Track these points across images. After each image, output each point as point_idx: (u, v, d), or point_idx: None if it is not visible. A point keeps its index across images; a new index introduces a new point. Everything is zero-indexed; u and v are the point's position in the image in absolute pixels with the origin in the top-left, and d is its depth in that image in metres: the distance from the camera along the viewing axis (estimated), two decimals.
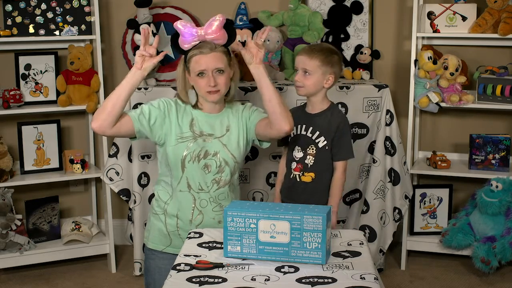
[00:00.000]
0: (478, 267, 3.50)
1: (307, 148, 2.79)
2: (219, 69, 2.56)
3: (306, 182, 2.80)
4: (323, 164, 2.79)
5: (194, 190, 2.60)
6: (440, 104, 3.61)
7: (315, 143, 2.78)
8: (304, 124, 2.81)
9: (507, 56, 3.79)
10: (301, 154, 2.80)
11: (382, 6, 3.90)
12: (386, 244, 3.68)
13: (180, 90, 2.67)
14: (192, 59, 2.58)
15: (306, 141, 2.80)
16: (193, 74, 2.59)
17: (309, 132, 2.79)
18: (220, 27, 2.58)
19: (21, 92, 3.58)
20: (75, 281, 3.65)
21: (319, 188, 2.80)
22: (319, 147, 2.78)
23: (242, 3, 3.85)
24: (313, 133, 2.79)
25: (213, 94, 2.57)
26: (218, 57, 2.57)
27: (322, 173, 2.79)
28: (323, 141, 2.77)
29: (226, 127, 2.64)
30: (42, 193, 3.86)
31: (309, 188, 2.80)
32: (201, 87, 2.57)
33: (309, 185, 2.79)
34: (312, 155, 2.78)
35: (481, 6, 3.63)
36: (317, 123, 2.79)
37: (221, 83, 2.57)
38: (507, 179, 3.52)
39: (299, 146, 2.81)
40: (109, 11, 3.89)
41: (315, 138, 2.78)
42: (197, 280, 2.01)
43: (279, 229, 2.12)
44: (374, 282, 2.01)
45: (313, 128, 2.79)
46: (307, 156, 2.79)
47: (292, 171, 2.83)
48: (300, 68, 2.76)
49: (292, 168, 2.82)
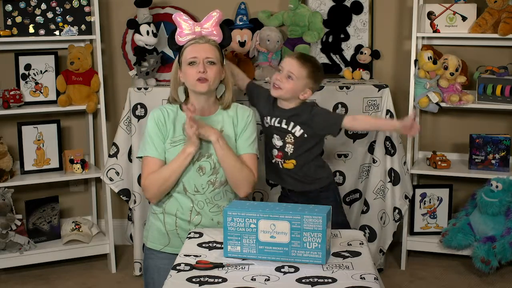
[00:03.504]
0: (478, 267, 3.50)
1: (285, 137, 2.87)
2: (210, 60, 2.58)
3: (288, 168, 2.90)
4: (303, 150, 2.87)
5: (190, 193, 2.60)
6: (440, 104, 3.61)
7: (292, 132, 2.86)
8: (278, 118, 2.88)
9: (507, 56, 3.79)
10: (280, 142, 2.89)
11: (382, 6, 3.90)
12: (386, 244, 3.68)
13: (173, 88, 2.68)
14: (185, 50, 2.61)
15: (283, 131, 2.87)
16: (184, 65, 2.60)
17: (284, 124, 2.87)
18: (217, 23, 2.60)
19: (21, 92, 3.58)
20: (75, 281, 3.65)
21: (303, 172, 2.91)
22: (297, 136, 2.86)
23: (242, 3, 3.85)
24: (288, 124, 2.86)
25: (202, 83, 2.56)
26: (211, 49, 2.60)
27: (303, 159, 2.89)
28: (299, 129, 2.85)
29: (220, 129, 2.64)
30: (42, 193, 3.86)
31: (292, 173, 2.91)
32: (191, 75, 2.58)
33: (292, 171, 2.90)
34: (291, 143, 2.86)
35: (481, 6, 3.63)
36: (290, 116, 2.86)
37: (211, 74, 2.58)
38: (507, 179, 3.52)
39: (277, 135, 2.89)
40: (109, 11, 3.89)
41: (291, 128, 2.86)
42: (197, 280, 2.01)
43: (279, 229, 2.12)
44: (374, 282, 2.01)
45: (286, 120, 2.87)
46: (286, 144, 2.87)
47: (274, 157, 2.93)
48: (286, 70, 2.79)
49: (274, 155, 2.93)
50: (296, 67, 2.79)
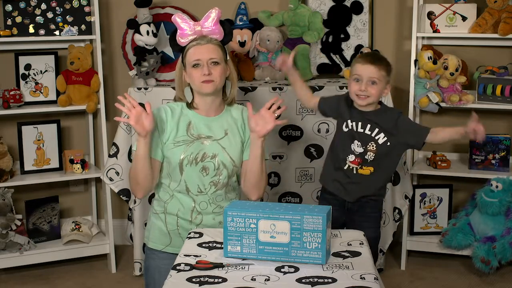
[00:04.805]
0: (478, 267, 3.50)
1: (367, 144, 2.81)
2: (214, 60, 2.57)
3: (364, 174, 2.83)
4: (384, 159, 2.82)
5: (193, 193, 2.60)
6: (440, 104, 3.62)
7: (375, 140, 2.80)
8: (360, 122, 2.82)
9: (507, 56, 3.79)
10: (361, 149, 2.82)
11: (382, 6, 3.90)
12: (386, 244, 3.68)
13: (178, 88, 2.68)
14: (188, 52, 2.60)
15: (366, 138, 2.81)
16: (188, 67, 2.59)
17: (367, 129, 2.81)
18: (217, 21, 2.60)
19: (21, 92, 3.58)
20: (75, 281, 3.65)
21: (375, 180, 2.84)
22: (379, 143, 2.80)
23: (242, 3, 3.85)
24: (372, 130, 2.81)
25: (208, 84, 2.56)
26: (214, 49, 2.59)
27: (381, 167, 2.83)
28: (383, 137, 2.80)
29: (225, 131, 2.63)
30: (42, 193, 3.86)
31: (364, 179, 2.83)
32: (196, 78, 2.57)
33: (366, 177, 2.83)
34: (372, 152, 2.81)
35: (481, 6, 3.63)
36: (374, 121, 2.81)
37: (216, 74, 2.57)
38: (507, 179, 3.52)
39: (359, 142, 2.82)
40: (109, 11, 3.90)
41: (374, 135, 2.81)
42: (197, 280, 2.01)
43: (279, 229, 2.12)
44: (374, 282, 2.01)
45: (371, 125, 2.81)
46: (368, 152, 2.81)
47: (348, 163, 2.84)
48: (367, 77, 2.75)
49: (350, 160, 2.83)
50: (376, 72, 2.75)
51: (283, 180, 3.61)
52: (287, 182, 3.61)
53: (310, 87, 3.49)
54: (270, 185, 3.60)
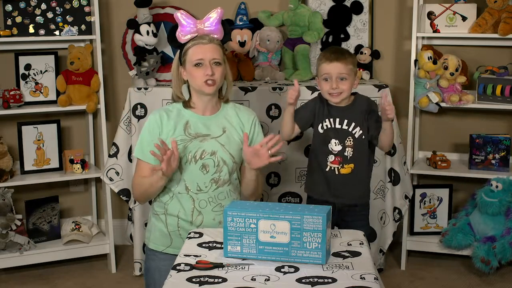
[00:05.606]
0: (478, 267, 3.50)
1: (345, 140, 2.81)
2: (217, 61, 2.57)
3: (345, 174, 2.83)
4: (361, 153, 2.83)
5: (193, 192, 2.60)
6: (440, 104, 3.61)
7: (352, 134, 2.81)
8: (338, 118, 2.82)
9: (507, 56, 3.79)
10: (339, 147, 2.82)
11: (382, 6, 3.90)
12: (386, 244, 3.68)
13: (175, 86, 2.67)
14: (189, 50, 2.59)
15: (343, 133, 2.82)
16: (189, 66, 2.58)
17: (345, 125, 2.82)
18: (219, 21, 2.60)
19: (21, 92, 3.58)
20: (75, 281, 3.65)
21: (359, 177, 2.85)
22: (356, 137, 2.81)
23: (242, 3, 3.85)
24: (349, 125, 2.82)
25: (210, 86, 2.56)
26: (216, 49, 2.59)
27: (361, 162, 2.84)
28: (359, 131, 2.81)
29: (223, 129, 2.63)
30: (42, 193, 3.86)
31: (347, 179, 2.83)
32: (198, 78, 2.56)
33: (348, 176, 2.83)
34: (350, 147, 2.81)
35: (481, 6, 3.63)
36: (350, 115, 2.82)
37: (218, 75, 2.57)
38: (507, 179, 3.53)
39: (336, 140, 2.82)
40: (109, 11, 3.89)
41: (351, 129, 2.81)
42: (197, 280, 2.01)
43: (279, 229, 2.12)
44: (374, 282, 2.01)
45: (348, 120, 2.82)
46: (346, 148, 2.81)
47: (328, 164, 2.84)
48: (336, 74, 2.76)
49: (330, 161, 2.83)
50: (343, 67, 2.76)
51: (283, 180, 3.61)
52: (287, 182, 3.61)
53: (310, 87, 3.51)
54: (270, 185, 3.60)
